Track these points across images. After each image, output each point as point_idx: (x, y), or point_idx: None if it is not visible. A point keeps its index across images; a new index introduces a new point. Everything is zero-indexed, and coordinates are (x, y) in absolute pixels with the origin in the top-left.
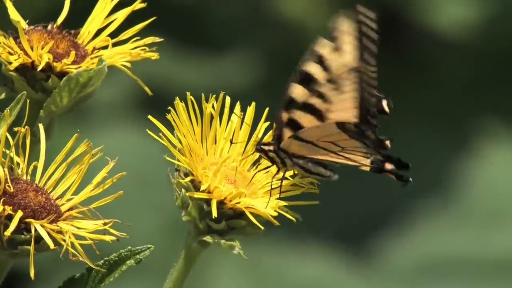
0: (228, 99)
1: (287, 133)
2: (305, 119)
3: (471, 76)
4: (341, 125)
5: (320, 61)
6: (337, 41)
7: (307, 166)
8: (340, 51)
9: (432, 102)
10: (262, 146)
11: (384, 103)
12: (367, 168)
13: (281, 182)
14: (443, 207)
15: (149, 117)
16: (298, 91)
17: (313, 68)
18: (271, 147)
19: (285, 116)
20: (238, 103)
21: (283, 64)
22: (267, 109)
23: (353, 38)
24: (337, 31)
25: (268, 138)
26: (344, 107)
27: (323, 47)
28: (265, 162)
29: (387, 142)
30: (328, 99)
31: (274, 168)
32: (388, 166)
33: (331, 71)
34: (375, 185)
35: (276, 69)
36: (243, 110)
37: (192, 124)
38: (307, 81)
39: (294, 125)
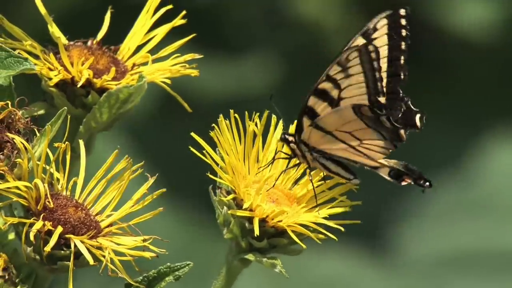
0: (274, 118)
1: (306, 122)
2: (320, 107)
3: (487, 76)
4: (357, 108)
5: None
6: (371, 38)
7: (327, 164)
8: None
9: (450, 100)
10: (286, 136)
11: (417, 117)
12: (386, 172)
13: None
14: (460, 201)
15: (192, 134)
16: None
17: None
18: (294, 139)
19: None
20: (281, 121)
21: (301, 65)
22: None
23: (385, 36)
24: (372, 30)
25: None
26: (352, 94)
27: (357, 43)
28: (306, 181)
29: (402, 133)
30: (337, 84)
31: (316, 187)
32: (408, 180)
33: None
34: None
35: (294, 70)
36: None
37: (235, 142)
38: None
39: (312, 113)
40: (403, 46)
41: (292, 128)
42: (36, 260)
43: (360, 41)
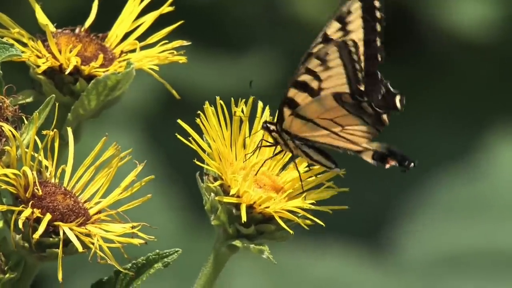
0: (260, 104)
1: (287, 112)
2: (300, 97)
3: (489, 75)
4: (338, 97)
5: (328, 42)
6: (345, 22)
7: (308, 151)
8: (347, 31)
9: (450, 98)
10: (267, 125)
11: (397, 98)
12: (370, 155)
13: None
14: (460, 200)
15: (179, 121)
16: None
17: (316, 49)
18: (275, 127)
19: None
20: (267, 108)
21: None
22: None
23: (360, 18)
24: (346, 13)
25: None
26: (333, 84)
27: (333, 29)
28: (293, 167)
29: (385, 117)
30: (317, 76)
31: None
32: (391, 162)
33: None
34: (391, 180)
35: (294, 68)
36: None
37: (221, 128)
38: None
39: (293, 104)
40: (378, 28)
41: (267, 112)
42: (25, 247)
43: (335, 25)
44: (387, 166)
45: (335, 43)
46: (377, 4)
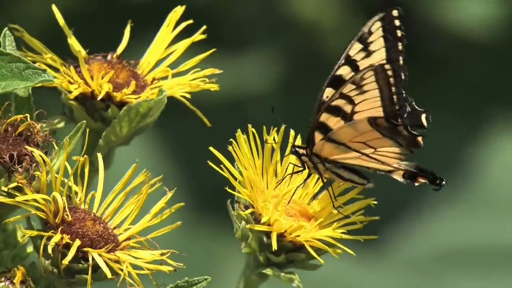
0: (292, 133)
1: (318, 136)
2: (333, 122)
3: (488, 72)
4: (372, 121)
5: (352, 63)
6: (367, 42)
7: (339, 172)
8: (369, 51)
9: (449, 97)
10: (296, 149)
11: (423, 117)
12: (400, 175)
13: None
14: (457, 197)
15: (211, 148)
16: (328, 95)
17: (343, 71)
18: (305, 151)
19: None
20: (299, 136)
21: (300, 63)
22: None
23: (381, 38)
24: (367, 34)
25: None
26: (367, 108)
27: (355, 50)
28: (324, 196)
29: (420, 139)
30: (351, 100)
31: (333, 201)
32: (422, 180)
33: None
34: (388, 178)
35: (293, 68)
36: (264, 111)
37: (253, 156)
38: (337, 84)
39: (324, 128)
40: (399, 47)
41: (299, 140)
42: (53, 273)
43: (357, 46)
44: (417, 184)
45: (372, 67)
46: (397, 23)
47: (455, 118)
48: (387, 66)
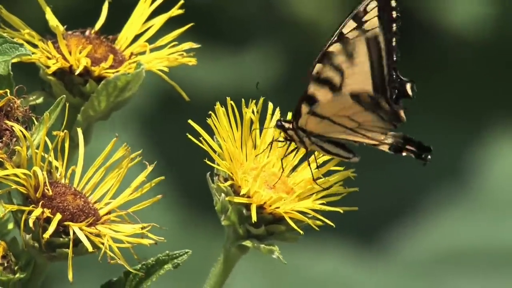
0: (270, 105)
1: (305, 109)
2: (321, 93)
3: (486, 72)
4: (355, 97)
5: (344, 41)
6: (362, 21)
7: (325, 146)
8: (363, 30)
9: (447, 97)
10: (282, 123)
11: (408, 86)
12: (386, 147)
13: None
14: (457, 199)
15: (190, 121)
16: (319, 70)
17: (334, 48)
18: (291, 125)
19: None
20: (278, 109)
21: (299, 61)
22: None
23: (376, 18)
24: (362, 12)
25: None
26: (356, 80)
27: (348, 28)
28: (303, 168)
29: (402, 113)
30: (341, 72)
31: (312, 173)
32: (409, 148)
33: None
34: (388, 179)
35: (292, 66)
36: (262, 110)
37: (232, 129)
38: (328, 58)
39: (311, 101)
40: (394, 28)
41: (278, 114)
42: (35, 247)
43: (351, 24)
44: (404, 154)
45: (365, 38)
46: (393, 3)
47: (454, 120)
48: (381, 38)
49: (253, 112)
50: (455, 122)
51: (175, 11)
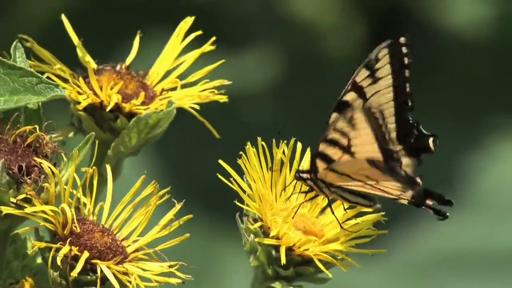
0: (299, 146)
1: (320, 164)
2: (331, 151)
3: (484, 73)
4: (371, 162)
5: (359, 90)
6: (374, 69)
7: (345, 195)
8: (376, 78)
9: (446, 99)
10: (301, 174)
11: (430, 141)
12: (406, 202)
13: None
14: (456, 201)
15: (220, 162)
16: (334, 120)
17: (349, 97)
18: (309, 175)
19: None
20: (308, 150)
21: (299, 62)
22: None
23: (388, 65)
24: (374, 60)
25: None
26: (362, 142)
27: (362, 76)
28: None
29: (418, 179)
30: (346, 135)
31: (342, 215)
32: (429, 202)
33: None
34: None
35: (290, 68)
36: (261, 110)
37: (262, 169)
38: (343, 109)
39: (325, 157)
40: (406, 74)
41: (305, 165)
42: (62, 285)
43: (363, 72)
44: (424, 207)
45: (360, 109)
46: (404, 50)
47: (452, 121)
48: (374, 110)
49: (283, 152)
50: (453, 124)
51: (207, 47)
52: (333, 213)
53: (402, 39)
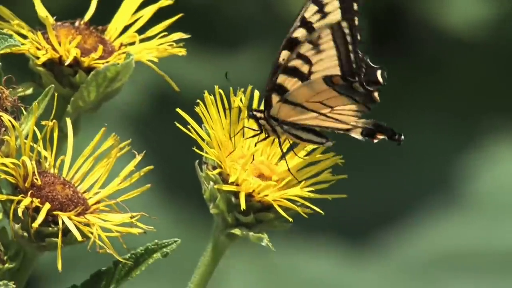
0: (257, 93)
1: (275, 98)
2: (290, 83)
3: (482, 74)
4: (328, 79)
5: (308, 25)
6: (322, 4)
7: (297, 133)
8: (325, 13)
9: (443, 100)
10: (254, 112)
11: (378, 73)
12: (359, 132)
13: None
14: (452, 202)
15: (178, 110)
16: (284, 57)
17: (299, 33)
18: (262, 114)
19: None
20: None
21: None
22: None
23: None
24: None
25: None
26: (324, 67)
27: (311, 12)
28: (293, 154)
29: (376, 95)
30: (308, 60)
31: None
32: (380, 136)
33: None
34: (384, 181)
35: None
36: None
37: (220, 117)
38: (293, 46)
39: (281, 90)
40: (355, 7)
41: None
42: (24, 237)
43: (312, 8)
44: (376, 140)
45: (329, 26)
46: None
47: (451, 122)
48: (344, 24)
49: (240, 100)
50: (451, 125)
51: (164, 2)
52: (283, 154)
53: None
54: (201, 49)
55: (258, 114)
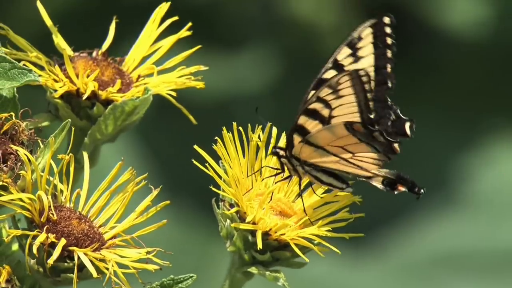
0: (275, 130)
1: (297, 139)
2: (311, 125)
3: (481, 74)
4: (349, 125)
5: (339, 68)
6: (356, 48)
7: (318, 175)
8: (358, 57)
9: (442, 99)
10: (277, 150)
11: (407, 125)
12: (380, 181)
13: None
14: (452, 202)
15: (195, 147)
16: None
17: (330, 75)
18: (284, 152)
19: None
20: (283, 135)
21: (296, 63)
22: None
23: (371, 45)
24: (357, 39)
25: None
26: (344, 112)
27: (344, 54)
28: (310, 194)
29: (397, 146)
30: (328, 104)
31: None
32: (401, 188)
33: None
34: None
35: (289, 67)
36: (260, 111)
37: (238, 155)
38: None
39: (303, 131)
40: (389, 54)
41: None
42: (39, 272)
43: (345, 51)
44: (396, 191)
45: (348, 72)
46: (388, 30)
47: (450, 121)
48: (362, 72)
49: (259, 137)
50: (450, 125)
51: (183, 33)
52: (301, 194)
53: (386, 19)
54: (201, 49)
55: (281, 152)
